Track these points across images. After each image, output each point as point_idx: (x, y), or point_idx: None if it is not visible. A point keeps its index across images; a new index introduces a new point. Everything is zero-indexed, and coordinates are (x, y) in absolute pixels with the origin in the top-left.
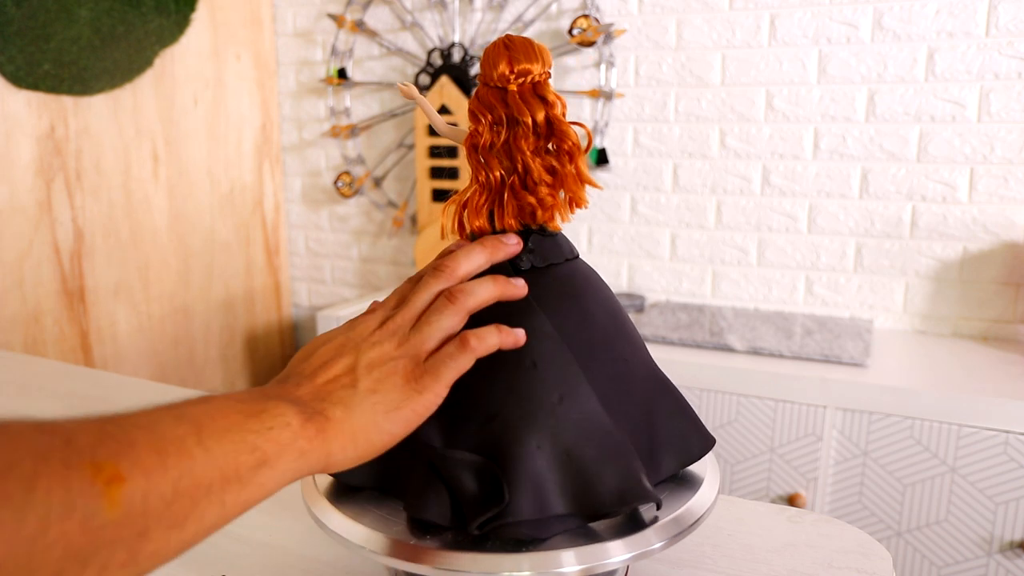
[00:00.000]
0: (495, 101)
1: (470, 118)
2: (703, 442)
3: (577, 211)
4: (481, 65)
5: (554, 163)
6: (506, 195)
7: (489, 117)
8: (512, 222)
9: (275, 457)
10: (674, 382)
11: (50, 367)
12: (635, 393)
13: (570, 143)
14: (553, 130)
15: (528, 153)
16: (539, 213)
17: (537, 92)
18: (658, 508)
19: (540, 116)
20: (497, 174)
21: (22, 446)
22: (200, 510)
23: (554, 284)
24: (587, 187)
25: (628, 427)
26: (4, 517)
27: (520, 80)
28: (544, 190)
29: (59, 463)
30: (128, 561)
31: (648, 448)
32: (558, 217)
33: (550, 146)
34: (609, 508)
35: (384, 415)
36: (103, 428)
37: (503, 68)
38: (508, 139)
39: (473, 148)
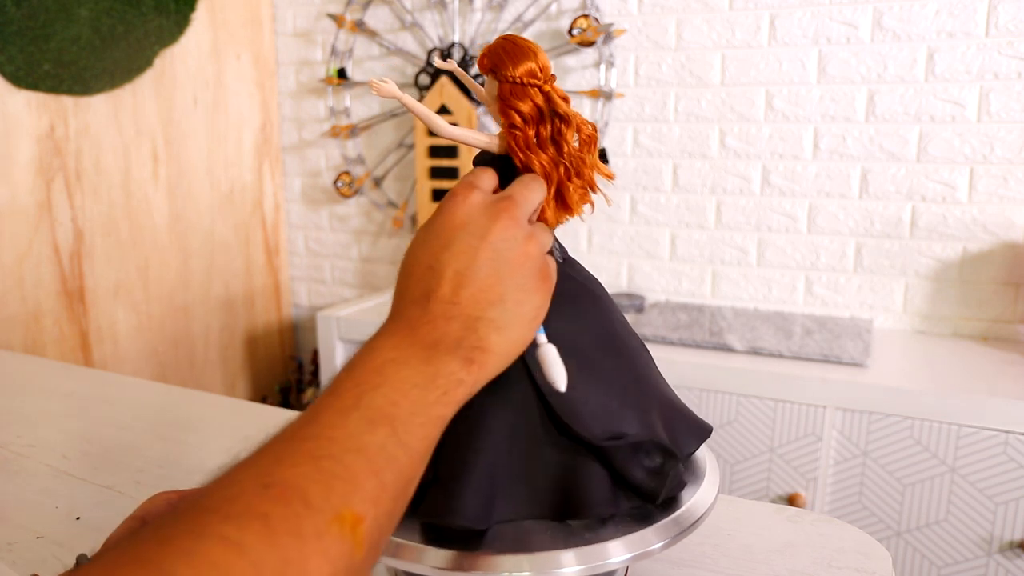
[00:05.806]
0: (525, 97)
1: (506, 116)
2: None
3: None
4: (497, 63)
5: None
6: (563, 185)
7: (525, 113)
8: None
9: (451, 412)
10: (674, 382)
11: (50, 367)
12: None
13: (587, 133)
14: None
15: (572, 144)
16: (587, 200)
17: (556, 88)
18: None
19: (571, 110)
20: (553, 164)
21: (280, 531)
22: (407, 495)
23: (566, 282)
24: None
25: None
26: None
27: (550, 77)
28: (586, 177)
29: (313, 536)
30: (370, 568)
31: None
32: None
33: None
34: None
35: (527, 325)
36: (320, 466)
37: (531, 66)
38: (553, 133)
39: (522, 145)
